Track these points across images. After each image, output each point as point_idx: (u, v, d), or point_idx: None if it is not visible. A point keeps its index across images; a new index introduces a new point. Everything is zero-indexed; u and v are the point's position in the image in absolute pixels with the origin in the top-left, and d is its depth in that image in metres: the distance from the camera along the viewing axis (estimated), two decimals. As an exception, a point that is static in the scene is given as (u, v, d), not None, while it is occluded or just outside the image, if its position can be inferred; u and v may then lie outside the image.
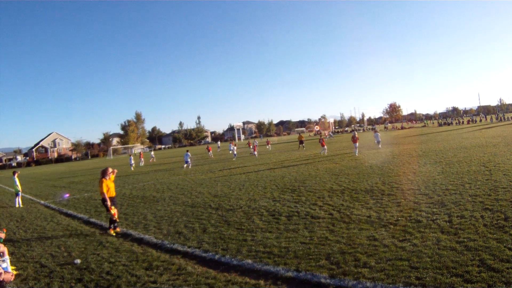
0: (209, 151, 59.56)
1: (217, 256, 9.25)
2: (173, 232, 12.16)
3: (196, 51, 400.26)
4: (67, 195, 12.13)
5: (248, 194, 17.79)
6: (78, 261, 10.06)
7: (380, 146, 39.04)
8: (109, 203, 13.05)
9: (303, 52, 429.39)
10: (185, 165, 40.25)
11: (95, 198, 17.01)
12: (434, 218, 10.38)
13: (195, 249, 10.03)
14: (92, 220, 15.84)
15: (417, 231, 9.34)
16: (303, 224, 11.24)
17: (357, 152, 34.33)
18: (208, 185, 22.53)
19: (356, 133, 38.36)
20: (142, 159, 58.95)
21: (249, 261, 8.64)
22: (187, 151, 44.65)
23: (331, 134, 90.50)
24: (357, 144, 35.72)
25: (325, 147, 38.49)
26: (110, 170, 13.73)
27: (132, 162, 50.81)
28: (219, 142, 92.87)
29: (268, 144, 65.59)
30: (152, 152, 79.59)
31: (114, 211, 13.12)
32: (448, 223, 9.75)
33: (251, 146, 46.88)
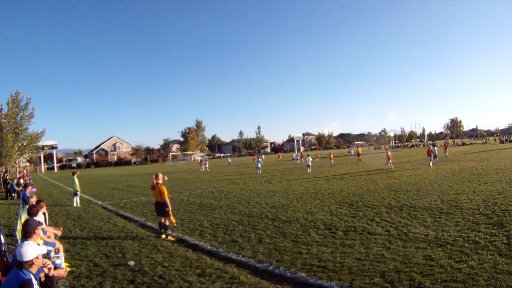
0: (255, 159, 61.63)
1: (271, 267, 9.24)
2: (228, 240, 12.23)
3: (259, 60, 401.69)
4: (132, 263, 12.25)
5: (306, 206, 17.68)
6: (132, 263, 10.26)
7: (438, 159, 38.26)
8: (171, 208, 13.37)
9: (364, 63, 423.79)
10: (257, 170, 44.74)
11: (152, 202, 17.31)
12: (493, 239, 10.05)
13: (249, 259, 10.05)
14: (148, 223, 16.12)
15: (474, 253, 9.06)
16: (359, 240, 11.09)
17: (431, 164, 35.67)
18: (265, 196, 22.54)
19: (431, 146, 39.17)
20: (203, 166, 61.08)
21: (303, 274, 8.57)
22: (258, 157, 50.58)
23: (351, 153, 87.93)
24: (432, 157, 36.85)
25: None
26: (161, 175, 14.01)
27: (207, 165, 59.18)
28: (262, 156, 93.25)
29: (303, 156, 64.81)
30: (229, 158, 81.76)
31: (172, 217, 13.44)
32: (506, 246, 9.40)
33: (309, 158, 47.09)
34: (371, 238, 11.25)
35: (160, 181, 13.77)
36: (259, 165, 45.31)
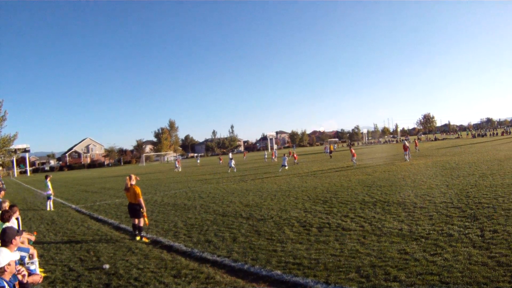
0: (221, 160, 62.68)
1: (246, 266, 9.26)
2: (203, 240, 12.21)
3: (231, 60, 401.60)
4: (107, 266, 12.17)
5: (280, 204, 17.76)
6: (107, 266, 10.20)
7: (409, 155, 38.85)
8: (145, 209, 13.31)
9: (338, 61, 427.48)
10: (229, 169, 44.93)
11: (125, 204, 17.21)
12: (466, 232, 10.23)
13: (224, 258, 10.06)
14: (122, 226, 16.02)
15: (448, 245, 9.21)
16: (334, 236, 11.17)
17: (407, 159, 37.09)
18: (239, 194, 22.56)
19: (406, 142, 40.74)
20: (179, 165, 61.37)
21: (279, 272, 8.61)
22: (231, 158, 49.00)
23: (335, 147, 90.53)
24: (408, 151, 38.03)
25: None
26: (134, 176, 13.93)
27: (178, 166, 59.91)
28: (230, 154, 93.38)
29: (292, 156, 65.27)
30: (198, 159, 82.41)
31: (146, 218, 13.39)
32: (480, 238, 9.59)
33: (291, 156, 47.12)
34: (345, 234, 11.33)
35: (134, 182, 13.70)
36: (232, 164, 45.28)
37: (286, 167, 39.21)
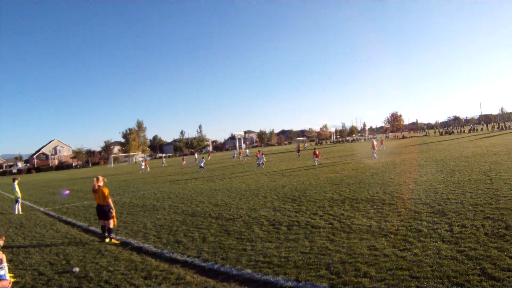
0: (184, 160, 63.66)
1: (216, 266, 9.22)
2: (173, 241, 12.11)
3: (198, 59, 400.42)
4: (67, 192, 12.05)
5: (249, 203, 17.74)
6: (77, 269, 10.00)
7: (376, 153, 39.25)
8: (114, 211, 13.16)
9: (306, 60, 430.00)
10: (202, 170, 44.35)
11: (94, 206, 16.96)
12: (435, 227, 10.36)
13: (194, 259, 9.99)
14: (92, 228, 15.77)
15: (417, 241, 9.31)
16: (303, 234, 11.20)
17: (376, 156, 37.89)
18: (208, 194, 22.47)
19: (374, 140, 41.49)
20: (147, 166, 60.96)
21: (249, 270, 8.59)
22: (203, 157, 50.34)
23: (305, 146, 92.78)
24: (376, 150, 39.11)
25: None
26: (101, 178, 13.76)
27: (143, 167, 59.58)
28: (196, 155, 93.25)
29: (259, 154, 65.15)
30: (163, 159, 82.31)
31: (115, 219, 13.23)
32: (449, 233, 9.73)
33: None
34: (315, 231, 11.37)
35: (101, 184, 13.53)
36: (202, 164, 45.02)
37: (263, 166, 39.02)
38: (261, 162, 38.56)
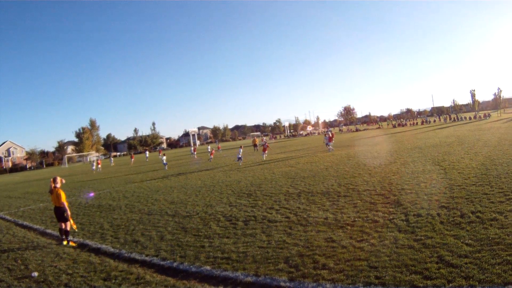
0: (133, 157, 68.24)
1: (175, 264, 9.19)
2: (130, 241, 11.99)
3: (149, 56, 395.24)
4: (92, 194, 11.86)
5: (204, 200, 17.70)
6: (36, 274, 9.81)
7: (330, 148, 39.56)
8: (69, 213, 12.88)
9: (257, 54, 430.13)
10: (166, 167, 43.32)
11: (50, 208, 16.62)
12: (391, 217, 10.57)
13: (153, 258, 9.94)
14: (48, 231, 15.40)
15: (374, 231, 9.48)
16: (260, 229, 11.26)
17: (331, 149, 38.50)
18: (164, 192, 22.32)
19: (330, 132, 42.01)
20: (100, 166, 59.79)
21: (208, 267, 8.60)
22: (164, 154, 48.04)
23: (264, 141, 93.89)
24: (331, 143, 39.51)
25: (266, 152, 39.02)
26: (59, 179, 13.47)
27: (94, 167, 59.24)
28: (147, 152, 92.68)
29: (219, 149, 64.93)
30: (112, 159, 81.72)
31: (72, 222, 12.98)
32: (405, 222, 9.94)
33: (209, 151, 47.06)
34: (271, 225, 11.44)
35: (58, 185, 13.23)
36: (164, 160, 44.37)
37: (241, 161, 37.81)
38: (240, 156, 37.61)
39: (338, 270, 7.36)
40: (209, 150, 55.26)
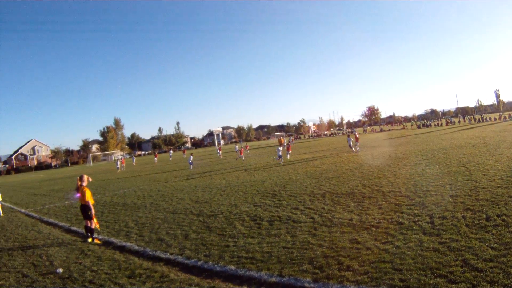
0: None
1: (199, 263, 9.23)
2: (155, 239, 12.08)
3: (173, 55, 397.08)
4: (79, 194, 12.19)
5: (229, 199, 17.74)
6: (60, 270, 9.94)
7: (353, 149, 39.17)
8: (94, 211, 13.04)
9: (282, 55, 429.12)
10: (191, 166, 42.98)
11: (76, 206, 16.84)
12: (416, 219, 10.48)
13: (177, 256, 9.99)
14: (74, 228, 15.62)
15: (399, 233, 9.41)
16: (285, 229, 11.25)
17: (357, 150, 38.35)
18: (188, 191, 22.41)
19: (356, 133, 42.58)
20: (123, 165, 60.11)
21: (232, 267, 8.63)
22: (191, 154, 48.32)
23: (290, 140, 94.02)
24: (357, 142, 39.37)
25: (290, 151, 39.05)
26: (86, 177, 13.64)
27: (118, 166, 58.93)
28: (171, 152, 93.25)
29: (246, 148, 64.86)
30: (134, 158, 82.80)
31: (95, 221, 13.13)
32: (430, 225, 9.85)
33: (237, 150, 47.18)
34: (296, 226, 11.43)
35: (85, 183, 13.41)
36: (191, 160, 44.33)
37: (282, 159, 36.48)
38: (280, 154, 36.91)
39: (363, 272, 7.33)
40: (237, 149, 55.36)
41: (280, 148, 37.58)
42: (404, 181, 16.95)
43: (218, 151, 66.29)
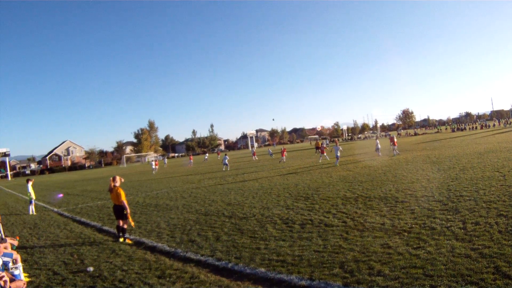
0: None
1: (230, 265, 9.26)
2: (186, 240, 12.17)
3: (209, 59, 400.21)
4: (61, 195, 12.27)
5: (262, 202, 17.75)
6: (91, 268, 10.11)
7: (379, 154, 38.62)
8: (129, 210, 13.23)
9: (316, 58, 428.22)
10: (224, 167, 43.95)
11: (108, 206, 17.09)
12: (449, 225, 10.31)
13: (208, 258, 10.04)
14: (105, 228, 15.90)
15: (431, 239, 9.28)
16: (316, 232, 11.20)
17: (397, 153, 37.68)
18: (221, 193, 22.52)
19: (394, 136, 42.09)
20: (157, 166, 60.47)
21: (263, 269, 8.61)
22: (226, 154, 49.50)
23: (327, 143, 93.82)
24: (396, 146, 38.70)
25: (325, 154, 38.89)
26: (118, 178, 13.85)
27: (154, 167, 59.18)
28: (207, 154, 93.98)
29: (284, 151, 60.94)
30: (166, 160, 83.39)
31: (131, 219, 13.31)
32: (462, 230, 9.68)
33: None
34: (328, 230, 11.36)
35: (118, 184, 13.62)
36: (226, 161, 44.61)
37: (338, 160, 35.56)
38: (339, 155, 36.38)
39: (393, 277, 7.25)
40: (271, 152, 55.45)
41: (339, 147, 36.64)
42: (438, 185, 16.69)
43: (253, 156, 63.10)
